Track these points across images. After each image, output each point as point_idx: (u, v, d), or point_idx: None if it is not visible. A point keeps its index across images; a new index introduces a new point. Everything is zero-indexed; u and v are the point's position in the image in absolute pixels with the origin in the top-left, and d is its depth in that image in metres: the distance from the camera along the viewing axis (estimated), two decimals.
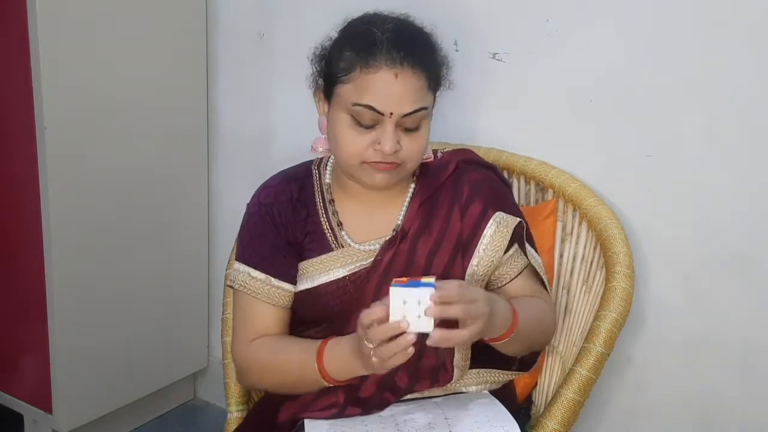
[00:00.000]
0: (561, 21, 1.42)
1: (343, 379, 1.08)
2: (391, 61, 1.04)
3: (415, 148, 1.09)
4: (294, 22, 1.78)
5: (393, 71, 1.04)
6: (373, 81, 1.04)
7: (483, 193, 1.18)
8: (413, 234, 1.16)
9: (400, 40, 1.05)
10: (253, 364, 1.17)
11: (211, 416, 2.09)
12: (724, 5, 1.27)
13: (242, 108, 1.93)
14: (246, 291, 1.18)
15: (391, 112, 1.04)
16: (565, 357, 1.32)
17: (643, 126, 1.38)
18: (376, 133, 1.06)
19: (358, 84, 1.05)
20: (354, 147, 1.08)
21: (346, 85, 1.07)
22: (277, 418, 1.16)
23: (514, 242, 1.18)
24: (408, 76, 1.04)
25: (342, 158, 1.11)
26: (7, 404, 1.86)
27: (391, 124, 1.05)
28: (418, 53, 1.06)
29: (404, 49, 1.04)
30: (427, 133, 1.11)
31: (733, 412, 1.38)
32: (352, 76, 1.06)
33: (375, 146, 1.07)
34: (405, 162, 1.10)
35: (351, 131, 1.07)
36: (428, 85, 1.08)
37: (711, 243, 1.35)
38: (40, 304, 1.68)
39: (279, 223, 1.18)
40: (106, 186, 1.72)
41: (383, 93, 1.04)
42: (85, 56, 1.62)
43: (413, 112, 1.06)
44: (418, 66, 1.05)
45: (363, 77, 1.05)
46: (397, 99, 1.04)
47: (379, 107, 1.04)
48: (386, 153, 1.06)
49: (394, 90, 1.04)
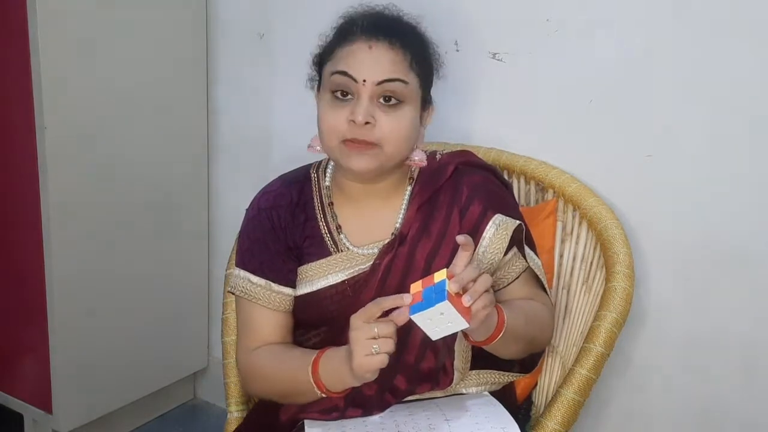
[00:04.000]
0: (561, 21, 1.42)
1: (338, 391, 1.06)
2: (366, 34, 1.08)
3: (392, 127, 1.08)
4: (294, 22, 1.78)
5: (367, 43, 1.08)
6: (349, 51, 1.08)
7: (482, 196, 1.17)
8: (412, 237, 1.15)
9: (377, 19, 1.12)
10: (254, 374, 1.18)
11: (211, 416, 2.09)
12: (724, 5, 1.27)
13: (242, 108, 1.93)
14: (246, 297, 1.18)
15: (364, 79, 1.06)
16: (565, 357, 1.32)
17: (643, 126, 1.38)
18: (351, 105, 1.07)
19: (337, 57, 1.10)
20: (332, 123, 1.08)
21: (328, 63, 1.11)
22: (277, 418, 1.16)
23: (513, 245, 1.18)
24: (383, 48, 1.08)
25: (324, 139, 1.11)
26: (7, 404, 1.86)
27: (365, 92, 1.06)
28: (396, 31, 1.10)
29: (381, 26, 1.10)
30: (408, 117, 1.09)
31: (733, 412, 1.38)
32: (333, 53, 1.11)
33: (349, 117, 1.07)
34: (381, 144, 1.08)
35: (330, 108, 1.09)
36: (410, 63, 1.09)
37: (711, 243, 1.35)
38: (40, 304, 1.68)
39: (278, 227, 1.18)
40: (106, 185, 1.72)
41: (357, 60, 1.08)
42: (85, 56, 1.62)
43: (388, 80, 1.07)
44: (396, 41, 1.08)
45: (340, 50, 1.10)
46: (370, 66, 1.07)
47: (353, 72, 1.07)
48: (358, 122, 1.05)
49: (368, 57, 1.07)
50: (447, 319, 0.93)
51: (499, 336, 1.04)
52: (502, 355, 1.15)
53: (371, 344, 0.96)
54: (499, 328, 1.04)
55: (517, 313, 1.09)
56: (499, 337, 1.04)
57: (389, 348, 0.96)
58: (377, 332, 0.96)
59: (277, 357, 1.15)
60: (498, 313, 1.05)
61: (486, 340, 1.05)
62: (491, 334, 1.04)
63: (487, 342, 1.05)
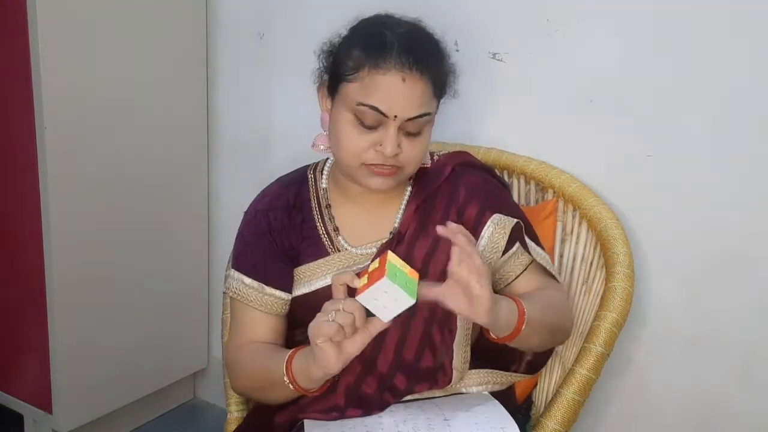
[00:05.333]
0: (561, 21, 1.42)
1: (304, 385, 1.05)
2: (400, 64, 1.04)
3: (415, 153, 1.09)
4: (294, 22, 1.78)
5: (401, 75, 1.04)
6: (381, 82, 1.04)
7: (479, 196, 1.17)
8: (410, 236, 1.15)
9: (411, 45, 1.05)
10: (236, 369, 1.19)
11: (211, 416, 2.09)
12: (724, 5, 1.27)
13: (242, 108, 1.93)
14: (239, 298, 1.18)
15: (395, 115, 1.04)
16: (565, 357, 1.32)
17: (643, 126, 1.38)
18: (377, 134, 1.06)
19: (365, 84, 1.05)
20: (355, 147, 1.07)
21: (353, 84, 1.06)
22: (277, 418, 1.16)
23: (514, 242, 1.18)
24: (416, 80, 1.04)
25: (342, 157, 1.11)
26: (7, 404, 1.86)
27: (394, 127, 1.05)
28: (428, 59, 1.06)
29: (414, 54, 1.04)
30: (427, 139, 1.11)
31: (733, 412, 1.38)
32: (359, 75, 1.05)
33: (376, 148, 1.07)
34: (404, 167, 1.10)
35: (353, 131, 1.07)
36: (434, 91, 1.08)
37: (711, 243, 1.35)
38: (40, 304, 1.68)
39: (275, 229, 1.19)
40: (106, 186, 1.72)
41: (390, 95, 1.04)
42: (85, 56, 1.62)
43: (417, 117, 1.06)
44: (426, 72, 1.05)
45: (371, 78, 1.05)
46: (402, 103, 1.04)
47: (385, 109, 1.04)
48: (387, 155, 1.06)
49: (401, 93, 1.04)
50: (392, 297, 0.94)
51: (521, 330, 1.03)
52: (526, 348, 1.14)
53: (331, 312, 0.97)
54: (521, 321, 1.03)
55: (533, 303, 1.08)
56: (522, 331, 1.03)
57: (345, 320, 0.96)
58: (342, 306, 0.97)
59: (259, 352, 1.16)
60: (517, 307, 1.04)
61: (509, 336, 1.04)
62: (514, 329, 1.03)
63: (511, 338, 1.04)
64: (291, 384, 1.06)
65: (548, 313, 1.12)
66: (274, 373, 1.08)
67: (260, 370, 1.13)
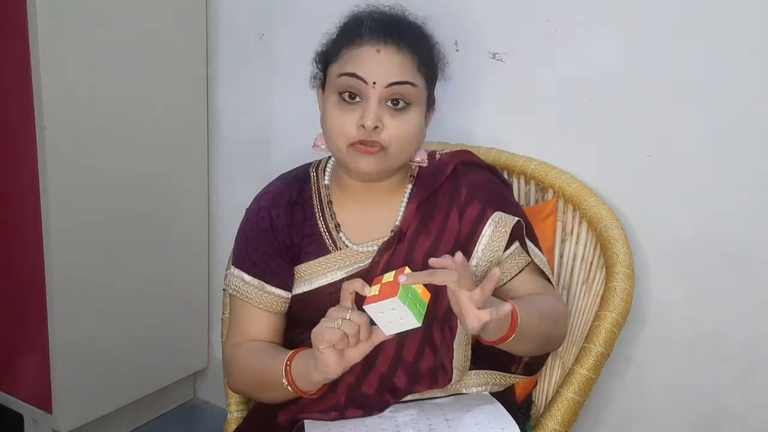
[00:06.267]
0: (561, 21, 1.42)
1: (303, 387, 1.06)
2: (375, 38, 1.08)
3: (398, 131, 1.08)
4: (294, 22, 1.78)
5: (375, 46, 1.08)
6: (357, 53, 1.08)
7: (481, 195, 1.17)
8: (411, 234, 1.16)
9: (385, 21, 1.10)
10: (233, 367, 1.19)
11: (211, 416, 2.09)
12: (724, 5, 1.27)
13: (242, 108, 1.93)
14: (238, 295, 1.19)
15: (374, 81, 1.06)
16: (565, 357, 1.32)
17: (643, 126, 1.38)
18: (360, 109, 1.07)
19: (344, 59, 1.09)
20: (339, 125, 1.08)
21: (335, 64, 1.10)
22: (277, 418, 1.16)
23: (514, 241, 1.18)
24: (392, 52, 1.07)
25: (331, 142, 1.11)
26: (7, 404, 1.86)
27: (374, 95, 1.06)
28: (403, 34, 1.09)
29: (388, 29, 1.09)
30: (415, 120, 1.10)
31: (733, 412, 1.38)
32: (339, 54, 1.10)
33: (359, 122, 1.07)
34: (388, 146, 1.08)
35: (338, 111, 1.09)
36: (417, 65, 1.09)
37: (711, 243, 1.35)
38: (40, 304, 1.68)
39: (276, 226, 1.19)
40: (106, 186, 1.72)
41: (367, 64, 1.07)
42: (85, 56, 1.62)
43: (397, 83, 1.07)
44: (403, 45, 1.08)
45: (348, 53, 1.09)
46: (379, 69, 1.06)
47: (362, 74, 1.06)
48: (368, 127, 1.05)
49: (377, 61, 1.07)
50: (398, 315, 0.95)
51: (512, 336, 1.03)
52: (516, 353, 1.14)
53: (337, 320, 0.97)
54: (513, 327, 1.03)
55: (530, 310, 1.07)
56: (512, 336, 1.03)
57: (350, 329, 0.97)
58: (348, 316, 0.98)
59: (257, 351, 1.16)
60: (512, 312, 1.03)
61: (499, 340, 1.04)
62: (504, 334, 1.03)
63: (501, 341, 1.04)
64: (289, 386, 1.06)
65: (543, 322, 1.12)
66: (272, 374, 1.08)
67: (258, 369, 1.13)
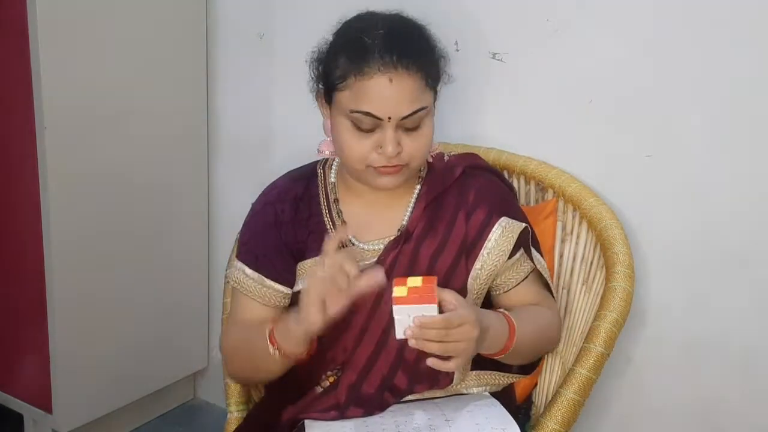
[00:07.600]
0: (561, 21, 1.42)
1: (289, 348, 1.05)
2: (384, 65, 1.02)
3: (418, 147, 1.09)
4: (294, 22, 1.78)
5: (387, 76, 1.03)
6: (368, 87, 1.03)
7: (488, 199, 1.18)
8: (418, 235, 1.16)
9: (392, 43, 1.04)
10: (229, 352, 1.20)
11: (211, 416, 2.09)
12: (724, 5, 1.27)
13: (242, 108, 1.93)
14: (239, 288, 1.19)
15: (389, 116, 1.04)
16: (565, 357, 1.32)
17: (643, 126, 1.38)
18: (377, 136, 1.06)
19: (354, 91, 1.04)
20: (357, 152, 1.07)
21: (344, 92, 1.06)
22: (278, 418, 1.16)
23: (519, 247, 1.18)
24: (403, 78, 1.03)
25: (347, 163, 1.11)
26: (7, 404, 1.86)
27: (390, 127, 1.05)
28: (412, 53, 1.05)
29: (397, 52, 1.03)
30: (429, 129, 1.10)
31: (733, 413, 1.38)
32: (347, 83, 1.05)
33: (378, 150, 1.06)
34: (409, 162, 1.09)
35: (353, 136, 1.07)
36: (426, 83, 1.07)
37: (711, 243, 1.35)
38: (40, 304, 1.68)
39: (282, 222, 1.19)
40: (106, 186, 1.72)
41: (379, 98, 1.03)
42: (85, 56, 1.62)
43: (411, 114, 1.05)
44: (413, 66, 1.04)
45: (358, 85, 1.04)
46: (393, 103, 1.03)
47: (377, 113, 1.04)
48: (389, 156, 1.06)
49: (390, 94, 1.03)
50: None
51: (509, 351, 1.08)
52: (507, 363, 1.17)
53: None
54: (509, 343, 1.08)
55: (526, 326, 1.11)
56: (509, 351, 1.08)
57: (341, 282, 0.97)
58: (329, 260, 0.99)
59: (246, 328, 1.17)
60: (509, 327, 1.08)
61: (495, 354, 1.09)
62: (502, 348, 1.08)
63: (497, 355, 1.09)
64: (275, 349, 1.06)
65: (539, 338, 1.17)
66: (259, 342, 1.08)
67: (246, 339, 1.14)
